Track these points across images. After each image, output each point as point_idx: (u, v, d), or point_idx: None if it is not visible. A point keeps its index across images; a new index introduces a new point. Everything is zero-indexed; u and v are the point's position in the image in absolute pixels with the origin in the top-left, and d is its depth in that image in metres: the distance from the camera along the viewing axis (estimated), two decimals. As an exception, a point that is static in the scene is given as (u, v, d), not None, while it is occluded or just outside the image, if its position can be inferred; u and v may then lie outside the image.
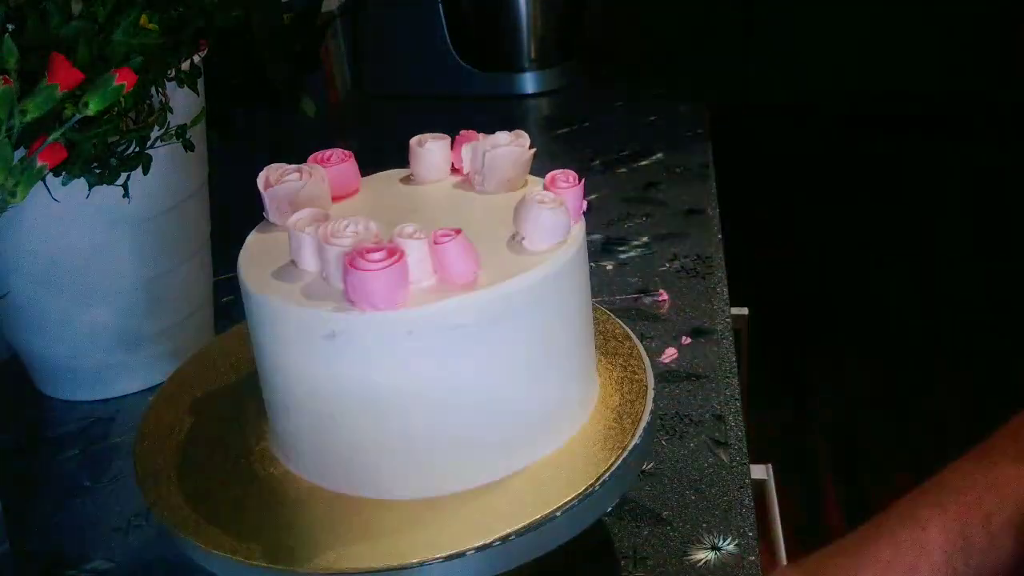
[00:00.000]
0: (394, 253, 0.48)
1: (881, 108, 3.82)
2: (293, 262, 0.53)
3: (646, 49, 1.97)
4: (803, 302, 2.80)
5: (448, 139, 0.63)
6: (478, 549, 0.48)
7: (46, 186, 0.68)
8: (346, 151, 0.62)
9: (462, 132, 0.63)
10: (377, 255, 0.48)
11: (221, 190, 0.92)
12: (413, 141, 0.63)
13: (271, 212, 0.58)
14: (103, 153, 0.70)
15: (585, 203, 0.57)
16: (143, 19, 0.70)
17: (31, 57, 0.62)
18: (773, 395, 2.29)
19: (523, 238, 0.53)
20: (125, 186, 0.73)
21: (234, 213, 0.73)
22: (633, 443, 0.54)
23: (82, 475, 0.77)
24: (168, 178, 0.80)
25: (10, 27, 0.65)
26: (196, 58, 0.80)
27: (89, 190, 0.72)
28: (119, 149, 0.71)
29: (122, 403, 0.85)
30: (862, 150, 3.67)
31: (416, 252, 0.49)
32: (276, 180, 0.58)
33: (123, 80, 0.63)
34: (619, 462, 0.53)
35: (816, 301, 2.82)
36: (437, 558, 0.48)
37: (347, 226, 0.51)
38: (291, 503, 0.54)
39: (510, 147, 0.59)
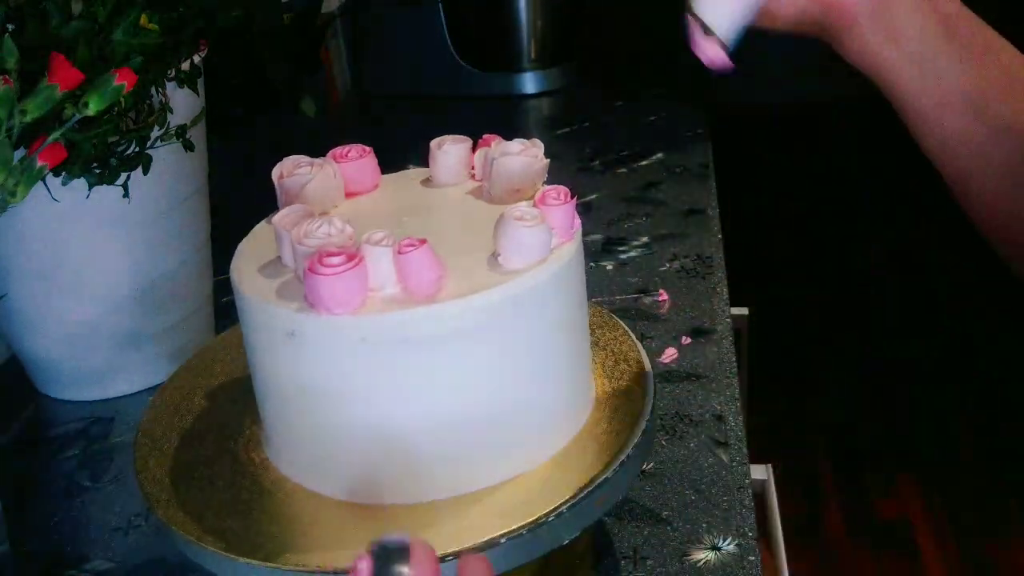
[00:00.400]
0: (353, 258, 0.48)
1: (881, 107, 3.81)
2: (279, 258, 0.54)
3: (646, 49, 1.96)
4: (803, 302, 2.80)
5: (468, 142, 0.62)
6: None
7: (46, 186, 0.68)
8: (365, 147, 0.61)
9: (484, 136, 0.62)
10: (336, 259, 0.48)
11: (221, 190, 0.92)
12: (433, 143, 0.62)
13: (281, 205, 0.58)
14: (103, 153, 0.70)
15: (578, 221, 0.55)
16: (143, 19, 0.70)
17: (31, 57, 0.62)
18: (773, 395, 2.29)
19: (499, 255, 0.51)
20: (125, 186, 0.73)
21: (234, 213, 0.73)
22: (603, 477, 0.52)
23: (82, 475, 0.77)
24: (168, 178, 0.80)
25: (10, 27, 0.65)
26: (196, 58, 0.80)
27: (89, 190, 0.72)
28: (119, 149, 0.71)
29: (122, 403, 0.85)
30: (863, 149, 3.67)
31: (379, 260, 0.49)
32: (289, 173, 0.58)
33: (123, 80, 0.63)
34: (579, 496, 0.51)
35: (816, 301, 2.82)
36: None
37: (319, 227, 0.51)
38: (271, 497, 0.54)
39: (519, 156, 0.58)
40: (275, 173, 0.58)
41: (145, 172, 0.73)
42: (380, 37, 1.66)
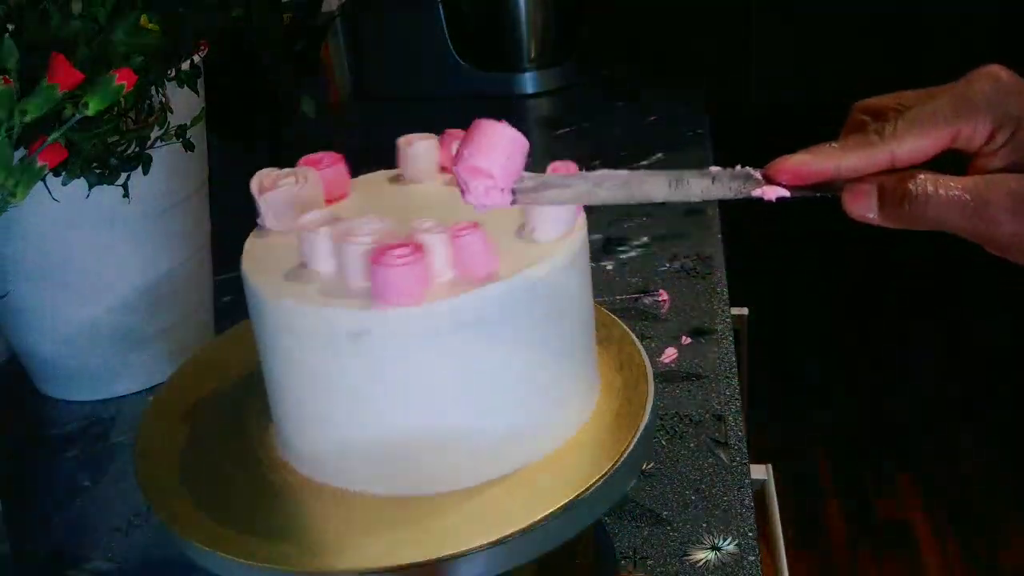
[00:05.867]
0: (417, 249, 0.48)
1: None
2: (303, 264, 0.53)
3: (646, 49, 1.97)
4: (803, 302, 2.80)
5: (435, 138, 0.63)
6: (459, 554, 0.48)
7: (46, 186, 0.68)
8: (336, 154, 0.62)
9: (447, 131, 0.63)
10: (401, 251, 0.48)
11: (221, 190, 0.92)
12: (401, 141, 0.63)
13: (268, 218, 0.58)
14: (103, 153, 0.70)
15: (582, 216, 0.57)
16: (143, 19, 0.70)
17: (31, 57, 0.62)
18: (773, 395, 2.30)
19: (533, 229, 0.53)
20: (125, 186, 0.73)
21: (234, 213, 0.73)
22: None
23: (82, 475, 0.77)
24: (168, 178, 0.80)
25: (10, 27, 0.65)
26: (196, 58, 0.80)
27: (89, 190, 0.72)
28: (119, 149, 0.71)
29: (122, 403, 0.85)
30: (862, 150, 3.66)
31: (437, 247, 0.49)
32: (271, 185, 0.57)
33: (123, 80, 0.63)
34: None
35: (816, 301, 2.82)
36: (432, 559, 0.48)
37: (364, 224, 0.51)
38: (292, 499, 0.54)
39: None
40: (254, 186, 0.58)
41: (145, 172, 0.73)
42: (380, 37, 1.66)
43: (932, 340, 2.60)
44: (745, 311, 1.14)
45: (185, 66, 0.78)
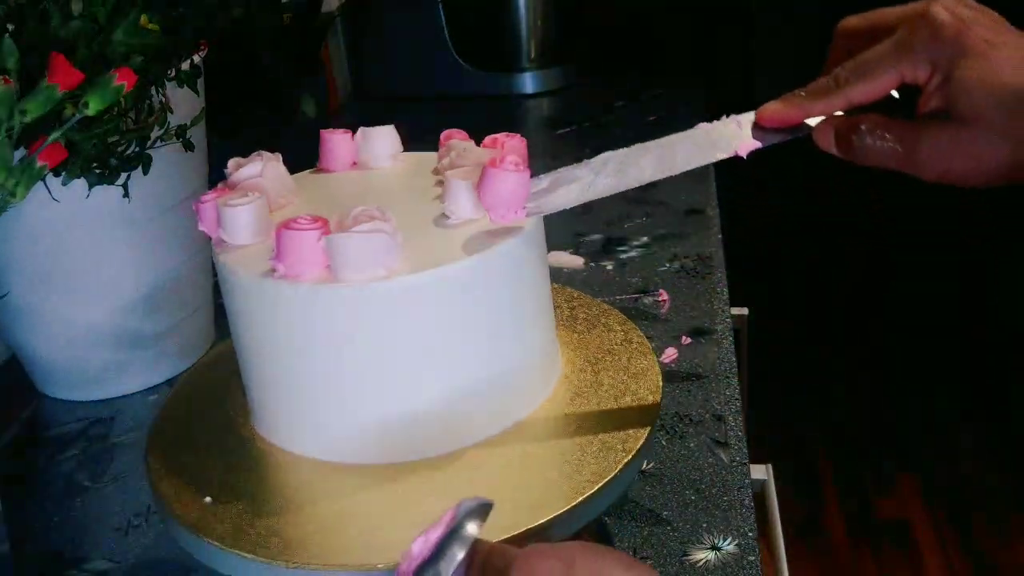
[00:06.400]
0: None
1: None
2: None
3: (646, 48, 1.97)
4: (803, 302, 2.81)
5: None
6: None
7: (46, 186, 0.68)
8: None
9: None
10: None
11: (221, 190, 0.92)
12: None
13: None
14: (103, 153, 0.70)
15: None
16: (143, 19, 0.70)
17: (31, 57, 0.62)
18: (773, 395, 2.30)
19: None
20: (125, 186, 0.73)
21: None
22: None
23: (82, 475, 0.77)
24: (168, 178, 0.80)
25: (10, 27, 0.65)
26: (196, 58, 0.80)
27: (89, 190, 0.72)
28: (119, 149, 0.71)
29: (122, 403, 0.85)
30: (862, 150, 3.66)
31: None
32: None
33: (123, 80, 0.63)
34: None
35: (816, 301, 2.83)
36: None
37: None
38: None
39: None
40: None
41: (145, 172, 0.73)
42: (380, 37, 1.66)
43: (932, 340, 2.60)
44: (745, 311, 1.14)
45: (185, 66, 0.78)
